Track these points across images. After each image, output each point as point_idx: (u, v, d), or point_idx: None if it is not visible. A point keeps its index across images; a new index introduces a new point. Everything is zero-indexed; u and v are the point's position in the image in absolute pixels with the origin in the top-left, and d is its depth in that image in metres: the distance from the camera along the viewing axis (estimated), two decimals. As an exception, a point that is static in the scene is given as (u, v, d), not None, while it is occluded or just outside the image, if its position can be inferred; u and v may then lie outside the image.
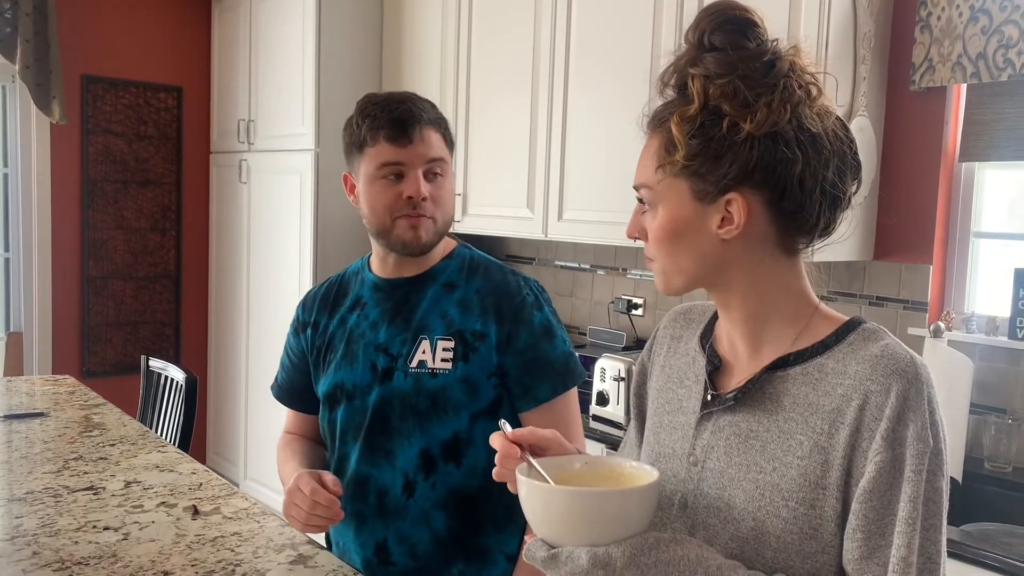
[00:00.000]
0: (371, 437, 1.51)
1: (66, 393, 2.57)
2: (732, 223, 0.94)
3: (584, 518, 0.87)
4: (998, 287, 2.42)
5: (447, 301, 1.52)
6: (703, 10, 0.97)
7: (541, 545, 0.89)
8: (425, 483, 1.48)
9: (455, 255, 1.58)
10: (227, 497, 1.73)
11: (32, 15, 3.91)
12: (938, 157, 2.45)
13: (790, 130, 0.92)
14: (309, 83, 3.79)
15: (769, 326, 0.98)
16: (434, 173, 1.49)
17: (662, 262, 0.99)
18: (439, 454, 1.48)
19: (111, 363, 4.45)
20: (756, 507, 0.92)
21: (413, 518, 1.49)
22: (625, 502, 0.88)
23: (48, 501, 1.65)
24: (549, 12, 3.08)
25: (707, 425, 0.99)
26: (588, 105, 2.96)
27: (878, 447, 0.87)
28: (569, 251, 3.52)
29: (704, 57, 0.93)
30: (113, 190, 4.40)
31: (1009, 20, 2.21)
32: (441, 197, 1.50)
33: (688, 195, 0.95)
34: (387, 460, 1.50)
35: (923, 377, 0.89)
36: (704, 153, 0.93)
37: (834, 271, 2.66)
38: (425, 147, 1.47)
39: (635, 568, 0.85)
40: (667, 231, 0.96)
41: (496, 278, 1.54)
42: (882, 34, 2.48)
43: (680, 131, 0.93)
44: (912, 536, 0.85)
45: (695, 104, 0.93)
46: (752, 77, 0.92)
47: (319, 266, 3.85)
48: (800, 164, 0.92)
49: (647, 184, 0.98)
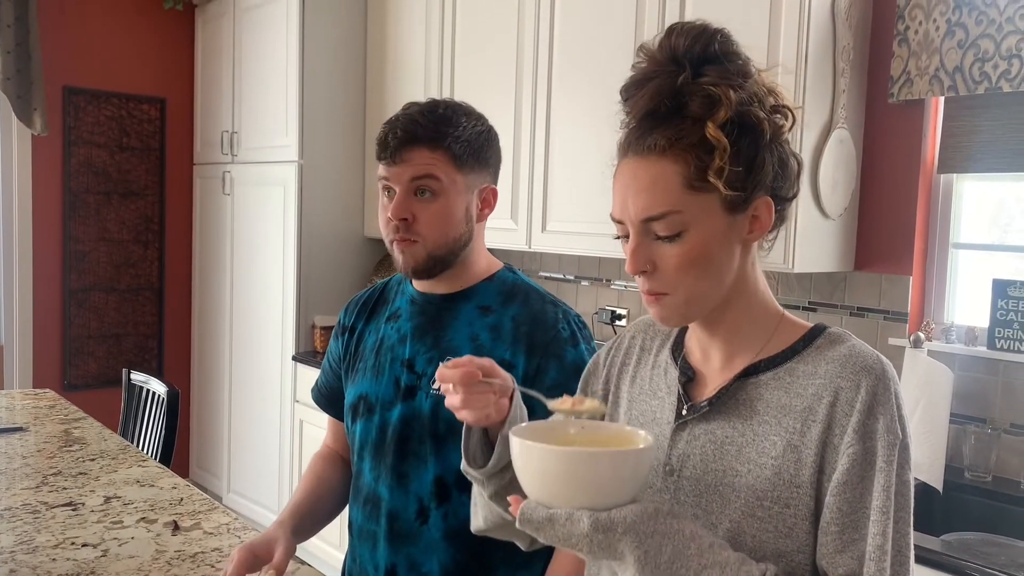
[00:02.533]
0: (387, 457, 1.45)
1: (46, 407, 2.55)
2: (760, 225, 0.96)
3: (579, 479, 0.87)
4: (977, 298, 2.44)
5: (479, 325, 1.43)
6: (679, 32, 0.95)
7: (538, 507, 0.89)
8: (438, 511, 1.42)
9: (496, 277, 1.49)
10: (208, 512, 1.72)
11: (14, 26, 3.90)
12: (917, 169, 2.48)
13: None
14: (293, 94, 3.79)
15: (742, 334, 1.00)
16: (420, 190, 1.38)
17: (687, 291, 0.95)
18: (453, 483, 1.41)
19: (93, 376, 4.42)
20: (732, 509, 0.94)
21: (425, 545, 1.43)
22: (619, 464, 0.89)
23: (26, 517, 1.64)
24: (532, 23, 3.10)
25: (682, 435, 1.00)
26: (572, 115, 2.97)
27: (850, 440, 0.90)
28: (553, 262, 3.53)
29: (708, 69, 0.93)
30: (95, 202, 4.38)
31: (985, 34, 2.24)
32: (430, 218, 1.38)
33: (720, 210, 0.93)
34: (401, 483, 1.44)
35: (889, 374, 0.93)
36: (740, 160, 0.92)
37: (815, 282, 2.67)
38: (409, 165, 1.38)
39: (634, 535, 0.86)
40: (699, 254, 0.93)
41: (534, 307, 1.43)
42: (861, 47, 2.50)
43: (722, 139, 0.91)
44: (886, 525, 0.88)
45: (723, 111, 0.91)
46: (756, 82, 0.95)
47: (303, 278, 3.84)
48: (798, 164, 0.99)
49: (673, 210, 0.92)
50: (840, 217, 2.52)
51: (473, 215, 1.43)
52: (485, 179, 1.44)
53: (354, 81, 3.91)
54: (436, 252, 1.41)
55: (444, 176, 1.38)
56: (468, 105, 1.46)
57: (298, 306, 3.83)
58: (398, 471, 1.44)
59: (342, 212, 3.93)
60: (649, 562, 0.86)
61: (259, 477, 4.10)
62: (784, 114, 0.97)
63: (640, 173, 0.94)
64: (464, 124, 1.40)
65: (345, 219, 3.95)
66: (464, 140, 1.39)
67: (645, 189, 0.94)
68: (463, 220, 1.40)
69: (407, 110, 1.41)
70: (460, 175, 1.39)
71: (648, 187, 0.93)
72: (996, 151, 2.33)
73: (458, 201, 1.40)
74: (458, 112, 1.42)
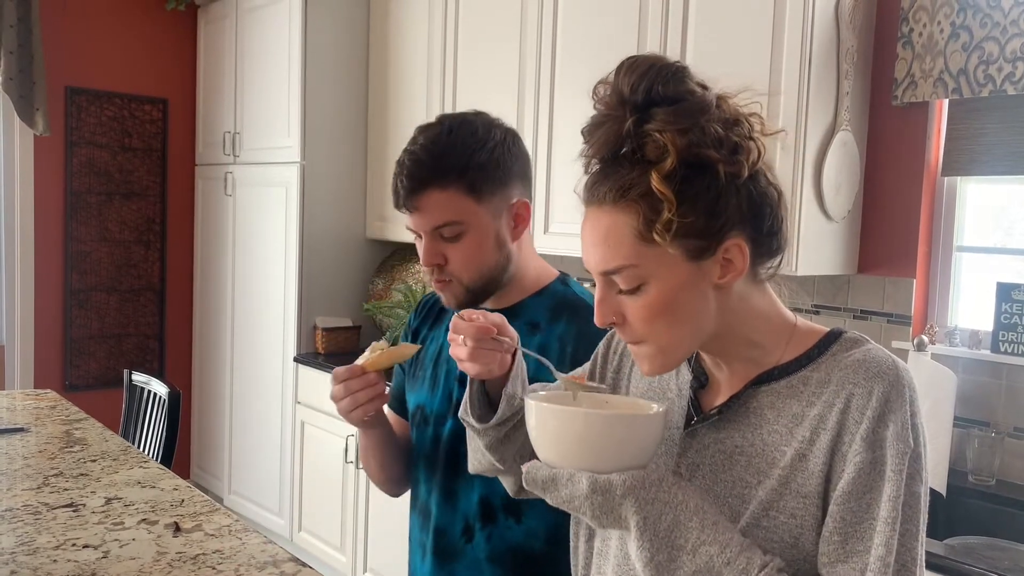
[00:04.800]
0: (438, 471, 1.43)
1: (47, 408, 2.54)
2: (733, 268, 0.91)
3: (586, 440, 0.88)
4: (981, 301, 2.43)
5: (528, 345, 1.36)
6: (627, 70, 0.90)
7: (542, 467, 0.89)
8: (481, 532, 1.39)
9: (547, 291, 1.43)
10: (209, 514, 1.71)
11: (16, 27, 3.90)
12: (921, 172, 2.47)
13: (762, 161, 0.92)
14: (295, 95, 3.78)
15: (750, 354, 0.97)
16: (444, 237, 1.33)
17: (659, 340, 0.92)
18: (499, 505, 1.38)
19: (94, 377, 4.41)
20: (739, 519, 0.92)
21: (468, 564, 1.41)
22: (630, 428, 0.89)
23: (27, 519, 1.63)
24: (535, 23, 3.09)
25: (691, 443, 0.99)
26: (574, 116, 2.96)
27: (858, 447, 0.87)
28: (555, 264, 3.51)
29: (654, 112, 0.88)
30: (97, 202, 4.38)
31: (989, 37, 2.23)
32: (460, 258, 1.34)
33: (682, 258, 0.89)
34: (449, 499, 1.42)
35: (905, 380, 0.89)
36: (697, 208, 0.87)
37: (818, 285, 2.67)
38: (426, 213, 1.32)
39: (633, 500, 0.85)
40: (664, 305, 0.90)
41: (582, 324, 1.36)
42: (865, 50, 2.50)
43: (667, 190, 0.86)
44: (891, 536, 0.84)
45: (670, 160, 0.86)
46: (715, 118, 0.89)
47: (304, 279, 3.83)
48: (778, 193, 0.94)
49: (628, 263, 0.89)
50: (843, 220, 2.51)
51: (507, 238, 1.37)
52: (512, 195, 1.36)
53: (356, 82, 3.91)
54: (474, 286, 1.37)
55: (463, 215, 1.31)
56: (477, 116, 1.37)
57: (300, 307, 3.83)
58: (447, 487, 1.42)
59: (344, 213, 3.93)
60: (648, 528, 0.85)
61: (260, 479, 4.10)
62: (748, 148, 0.89)
63: (596, 224, 0.91)
64: (473, 147, 1.32)
65: (347, 220, 3.95)
66: (476, 166, 1.31)
67: (600, 242, 0.90)
68: (495, 248, 1.35)
69: (411, 147, 1.34)
70: (480, 206, 1.32)
71: (602, 240, 0.90)
72: (1000, 154, 2.33)
73: (486, 232, 1.34)
74: (463, 134, 1.33)
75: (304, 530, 3.81)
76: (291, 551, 1.54)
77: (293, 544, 3.82)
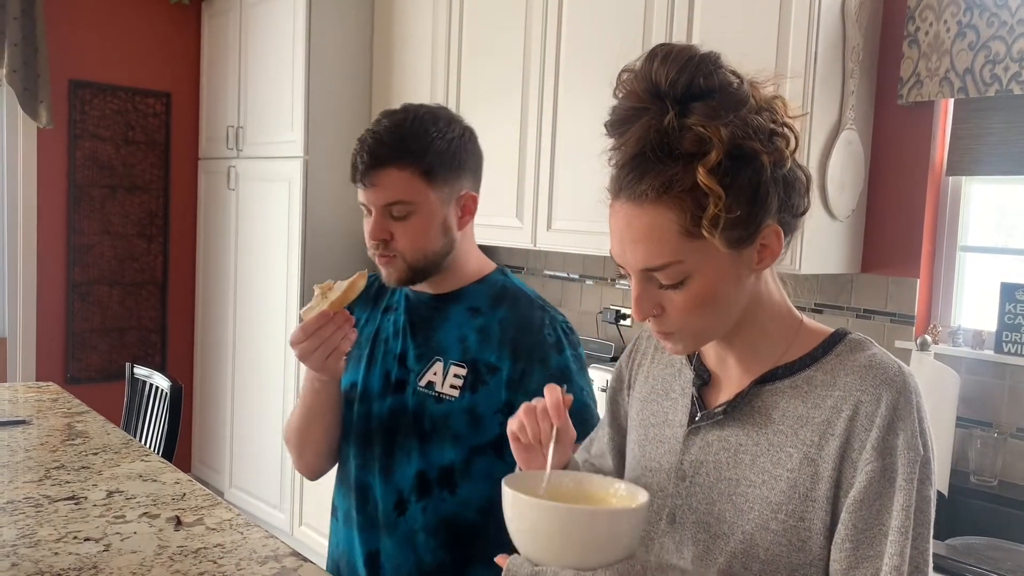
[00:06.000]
0: (373, 447, 1.49)
1: (49, 400, 2.54)
2: (770, 253, 0.92)
3: (571, 536, 0.86)
4: (984, 301, 2.43)
5: (468, 326, 1.45)
6: (663, 61, 0.89)
7: (524, 562, 0.88)
8: (416, 504, 1.45)
9: (488, 280, 1.51)
10: (211, 508, 1.71)
11: (20, 19, 3.89)
12: (925, 171, 2.47)
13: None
14: (299, 90, 3.78)
15: (759, 346, 0.98)
16: (394, 216, 1.40)
17: (696, 328, 0.93)
18: (435, 478, 1.44)
19: (96, 370, 4.42)
20: (745, 520, 0.92)
21: (401, 537, 1.46)
22: (614, 523, 0.87)
23: (29, 511, 1.63)
24: (539, 21, 3.09)
25: (695, 440, 0.99)
26: (578, 114, 2.96)
27: (868, 456, 0.87)
28: (558, 261, 3.52)
29: (695, 106, 0.87)
30: (100, 195, 4.37)
31: (996, 36, 2.23)
32: (406, 236, 1.41)
33: (723, 249, 0.89)
34: (384, 473, 1.47)
35: (911, 386, 0.90)
36: (741, 200, 0.87)
37: (821, 284, 2.66)
38: (380, 189, 1.39)
39: None
40: (707, 297, 0.90)
41: (522, 311, 1.45)
42: (871, 48, 2.49)
43: (715, 184, 0.85)
44: (904, 545, 0.85)
45: (715, 153, 0.85)
46: (752, 108, 0.89)
47: (307, 274, 3.83)
48: (807, 177, 0.95)
49: (674, 260, 0.88)
50: (847, 219, 2.51)
51: (452, 225, 1.44)
52: (462, 186, 1.45)
53: (360, 77, 3.90)
54: (416, 265, 1.44)
55: (415, 196, 1.39)
56: (440, 109, 1.45)
57: (302, 302, 3.83)
58: (382, 462, 1.48)
59: (347, 208, 3.92)
60: None
61: (261, 472, 4.10)
62: (784, 135, 0.91)
63: (635, 222, 0.89)
64: (433, 135, 1.40)
65: (350, 215, 3.94)
66: (434, 153, 1.39)
67: (642, 239, 0.89)
68: (440, 232, 1.43)
69: (375, 127, 1.41)
70: (432, 191, 1.40)
71: (644, 237, 0.89)
72: (1005, 154, 2.32)
73: (433, 216, 1.42)
74: (426, 122, 1.40)
75: (305, 524, 3.82)
76: (292, 545, 1.54)
77: (294, 538, 3.82)
